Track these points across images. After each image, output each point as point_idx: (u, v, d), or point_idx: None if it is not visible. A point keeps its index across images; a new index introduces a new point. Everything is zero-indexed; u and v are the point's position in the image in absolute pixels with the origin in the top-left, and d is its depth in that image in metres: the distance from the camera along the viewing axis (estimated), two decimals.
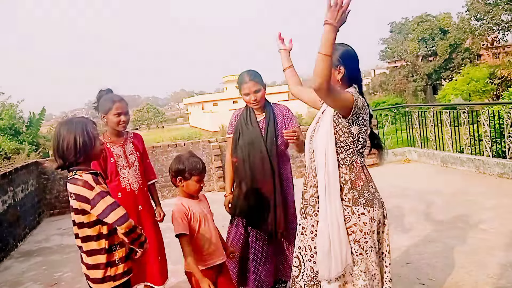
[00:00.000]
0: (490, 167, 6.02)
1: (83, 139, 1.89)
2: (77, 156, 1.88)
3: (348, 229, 2.01)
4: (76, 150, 1.87)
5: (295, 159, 7.38)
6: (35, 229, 5.91)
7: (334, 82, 2.08)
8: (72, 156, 1.88)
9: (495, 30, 27.65)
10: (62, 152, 1.88)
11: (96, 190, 1.82)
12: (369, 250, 2.03)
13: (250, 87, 2.77)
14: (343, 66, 2.09)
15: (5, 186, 5.07)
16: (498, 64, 23.89)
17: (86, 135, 1.90)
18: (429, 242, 3.78)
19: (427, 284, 3.00)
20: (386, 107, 17.18)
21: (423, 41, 35.83)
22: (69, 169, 1.92)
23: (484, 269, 3.12)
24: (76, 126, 1.91)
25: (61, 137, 1.89)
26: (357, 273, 2.03)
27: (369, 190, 2.07)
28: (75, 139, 1.87)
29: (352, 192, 2.04)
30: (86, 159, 1.93)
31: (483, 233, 3.84)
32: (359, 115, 2.04)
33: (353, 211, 2.02)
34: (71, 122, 1.94)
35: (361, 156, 2.12)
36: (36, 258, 4.65)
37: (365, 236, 2.02)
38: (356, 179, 2.06)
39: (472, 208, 4.57)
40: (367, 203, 2.04)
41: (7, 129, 10.10)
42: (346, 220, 2.02)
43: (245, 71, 2.84)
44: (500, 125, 6.34)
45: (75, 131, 1.89)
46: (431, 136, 7.60)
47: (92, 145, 1.92)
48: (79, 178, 1.85)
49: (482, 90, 21.06)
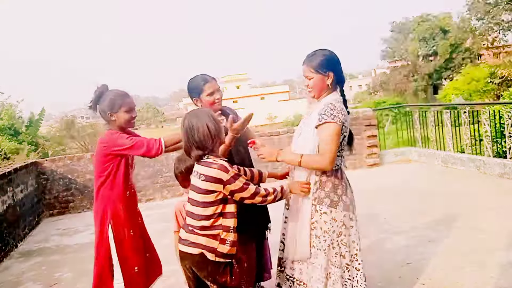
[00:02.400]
0: (491, 167, 6.00)
1: (214, 126, 2.02)
2: (214, 142, 2.02)
3: (311, 225, 2.22)
4: (211, 137, 2.01)
5: None
6: (35, 229, 5.91)
7: (324, 88, 2.26)
8: (210, 143, 2.01)
9: (495, 30, 27.61)
10: (200, 141, 2.00)
11: (231, 173, 1.98)
12: (327, 249, 2.20)
13: (214, 85, 2.70)
14: (331, 72, 2.23)
15: (5, 186, 5.07)
16: (498, 64, 23.84)
17: (215, 122, 2.04)
18: (429, 242, 3.77)
19: (427, 284, 2.99)
20: (386, 107, 17.18)
21: (424, 41, 35.81)
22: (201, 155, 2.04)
23: (484, 269, 3.11)
24: (204, 116, 2.03)
25: (195, 128, 2.00)
26: (315, 265, 2.21)
27: (336, 193, 2.22)
28: (208, 127, 2.00)
29: (318, 192, 2.22)
30: (219, 144, 2.09)
31: (483, 233, 3.82)
32: (344, 126, 2.21)
33: (316, 209, 2.21)
34: (198, 113, 2.07)
35: (340, 158, 2.26)
36: (36, 258, 4.65)
37: (324, 234, 2.20)
38: (326, 181, 2.22)
39: (473, 208, 4.56)
40: (331, 204, 2.21)
41: (7, 129, 10.11)
42: (311, 216, 2.22)
43: (198, 75, 2.75)
44: (500, 125, 6.32)
45: (205, 120, 2.01)
46: (432, 136, 7.59)
47: (221, 130, 2.07)
48: (214, 162, 2.00)
49: (482, 90, 21.04)
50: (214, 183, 1.97)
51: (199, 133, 1.99)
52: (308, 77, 2.25)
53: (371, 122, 7.64)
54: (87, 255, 4.52)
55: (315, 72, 2.22)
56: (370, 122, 7.63)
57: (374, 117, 7.78)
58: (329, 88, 2.26)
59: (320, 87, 2.25)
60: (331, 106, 2.16)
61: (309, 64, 2.24)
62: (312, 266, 2.22)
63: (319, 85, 2.24)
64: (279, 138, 7.35)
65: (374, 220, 4.49)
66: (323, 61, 2.21)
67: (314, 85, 2.25)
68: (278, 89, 52.32)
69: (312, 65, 2.22)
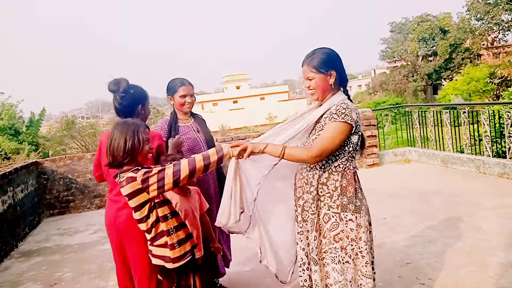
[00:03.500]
0: (490, 167, 6.01)
1: (132, 142, 1.98)
2: (124, 157, 1.97)
3: (335, 237, 2.04)
4: (124, 151, 1.96)
5: None
6: (35, 229, 5.91)
7: (328, 88, 2.10)
8: (120, 157, 1.96)
9: (495, 30, 27.63)
10: (112, 151, 1.98)
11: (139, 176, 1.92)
12: (355, 258, 2.04)
13: (190, 90, 2.92)
14: (334, 70, 2.08)
15: (5, 186, 5.07)
16: (498, 64, 23.87)
17: (137, 139, 1.99)
18: (429, 242, 3.77)
19: (427, 284, 3.00)
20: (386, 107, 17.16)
21: (423, 41, 35.83)
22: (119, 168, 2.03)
23: (484, 269, 3.12)
24: (127, 129, 2.00)
25: (112, 138, 1.99)
26: (344, 282, 2.03)
27: (357, 197, 2.07)
28: (126, 141, 1.97)
29: (341, 198, 2.05)
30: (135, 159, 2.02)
31: (483, 233, 3.83)
32: (358, 125, 2.07)
33: (341, 217, 2.04)
34: (124, 124, 2.03)
35: (353, 161, 2.12)
36: (36, 258, 4.65)
37: (351, 243, 2.03)
38: (347, 185, 2.06)
39: (472, 208, 4.57)
40: (355, 209, 2.05)
41: (7, 129, 10.10)
42: (333, 228, 2.04)
43: (177, 78, 2.96)
44: (500, 125, 6.34)
45: (125, 134, 1.98)
46: (431, 136, 7.60)
47: (138, 148, 2.00)
48: (121, 179, 1.96)
49: (482, 90, 21.05)
50: (137, 195, 1.94)
51: (114, 144, 1.98)
52: (309, 78, 2.09)
53: (370, 122, 7.65)
54: (88, 255, 4.53)
55: (316, 72, 2.06)
56: (369, 122, 7.64)
57: (373, 117, 7.79)
58: (332, 88, 2.10)
59: (323, 88, 2.08)
60: (343, 105, 2.01)
61: (310, 64, 2.08)
62: (341, 285, 2.04)
63: (321, 85, 2.08)
64: None
65: (374, 220, 4.45)
66: (324, 59, 2.06)
67: (316, 86, 2.08)
68: (278, 89, 52.26)
69: (313, 65, 2.06)
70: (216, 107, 48.31)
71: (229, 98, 49.58)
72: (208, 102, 50.34)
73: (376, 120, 8.02)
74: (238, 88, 51.31)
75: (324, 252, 2.08)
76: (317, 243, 2.08)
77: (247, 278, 3.40)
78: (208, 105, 49.84)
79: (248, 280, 3.35)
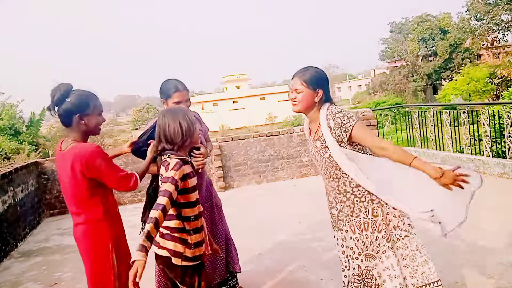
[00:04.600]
0: (490, 167, 6.02)
1: (187, 124, 2.05)
2: (184, 140, 2.04)
3: (386, 221, 2.20)
4: (182, 134, 2.03)
5: (295, 159, 7.38)
6: (35, 229, 5.91)
7: (312, 104, 2.24)
8: (179, 140, 2.02)
9: (495, 30, 27.67)
10: (170, 136, 2.02)
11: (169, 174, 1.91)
12: (391, 244, 2.20)
13: (184, 95, 2.77)
14: (321, 89, 2.23)
15: (5, 186, 5.07)
16: (498, 64, 23.86)
17: (189, 122, 2.06)
18: (429, 242, 3.77)
19: None
20: (386, 107, 17.17)
21: (423, 41, 35.86)
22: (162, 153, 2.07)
23: (484, 269, 3.13)
24: (178, 114, 2.06)
25: (167, 124, 2.03)
26: (411, 254, 2.21)
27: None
28: (181, 124, 2.03)
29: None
30: (190, 143, 2.09)
31: (483, 233, 3.83)
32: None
33: (381, 203, 2.20)
34: (174, 110, 2.10)
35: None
36: (36, 258, 4.65)
37: (400, 219, 2.23)
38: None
39: (472, 208, 4.53)
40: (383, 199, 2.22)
41: (7, 129, 10.09)
42: (389, 220, 2.21)
43: (174, 80, 2.81)
44: (500, 125, 6.34)
45: (179, 118, 2.04)
46: (431, 136, 7.60)
47: (193, 130, 2.08)
48: (168, 162, 1.97)
49: (482, 90, 21.05)
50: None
51: (170, 129, 2.03)
52: (297, 90, 2.22)
53: (370, 122, 7.65)
54: None
55: (306, 87, 2.20)
56: (369, 122, 7.64)
57: (373, 117, 7.80)
58: (316, 105, 2.24)
59: (308, 103, 2.23)
60: (340, 115, 2.15)
61: (301, 78, 2.22)
62: (409, 257, 2.22)
63: (307, 100, 2.22)
64: (278, 138, 7.37)
65: None
66: (315, 77, 2.21)
67: (302, 99, 2.22)
68: (278, 89, 52.27)
69: (304, 79, 2.21)
70: (216, 107, 48.32)
71: (229, 98, 49.59)
72: (208, 102, 50.39)
73: (376, 120, 8.03)
74: (238, 88, 51.33)
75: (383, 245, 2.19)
76: (371, 240, 2.19)
77: (248, 278, 3.40)
78: (208, 105, 49.87)
79: (249, 280, 3.35)
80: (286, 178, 7.42)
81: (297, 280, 3.34)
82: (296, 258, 3.76)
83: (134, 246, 1.74)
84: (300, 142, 7.40)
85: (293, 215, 5.05)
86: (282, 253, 3.96)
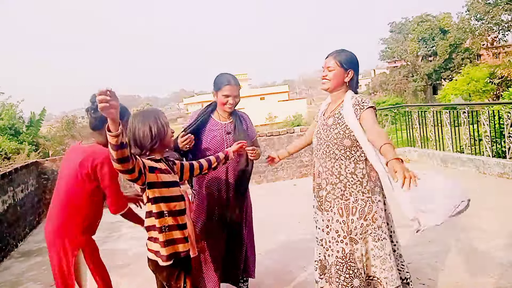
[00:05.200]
0: (490, 167, 6.02)
1: (157, 127, 2.02)
2: (153, 143, 2.02)
3: (373, 218, 2.24)
4: (151, 137, 2.01)
5: (295, 159, 7.38)
6: (35, 229, 5.91)
7: (341, 83, 2.31)
8: (148, 143, 2.00)
9: (495, 30, 27.66)
10: (139, 140, 2.01)
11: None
12: (388, 233, 2.30)
13: (235, 90, 2.75)
14: (352, 70, 2.30)
15: (5, 186, 5.07)
16: (498, 64, 23.85)
17: (160, 124, 2.04)
18: (429, 242, 3.77)
19: (427, 284, 3.00)
20: (386, 107, 17.13)
21: (423, 41, 35.84)
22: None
23: (484, 269, 3.12)
24: (148, 116, 2.03)
25: (136, 127, 2.02)
26: (384, 256, 2.23)
27: (378, 179, 2.28)
28: (150, 127, 2.01)
29: (369, 184, 2.27)
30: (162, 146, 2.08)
31: (483, 233, 3.83)
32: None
33: (373, 200, 2.26)
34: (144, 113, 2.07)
35: None
36: (36, 258, 4.65)
37: (384, 220, 2.29)
38: (371, 171, 2.28)
39: (472, 208, 4.52)
40: (380, 191, 2.30)
41: (7, 129, 10.10)
42: (370, 211, 2.24)
43: (228, 74, 2.80)
44: (500, 125, 6.34)
45: (149, 121, 2.01)
46: (431, 136, 7.60)
47: (164, 132, 2.05)
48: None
49: (482, 90, 21.04)
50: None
51: (140, 132, 2.00)
52: (329, 68, 2.29)
53: None
54: None
55: (339, 65, 2.27)
56: None
57: None
58: (345, 86, 2.32)
59: (338, 81, 2.30)
60: (358, 99, 2.24)
61: (336, 57, 2.29)
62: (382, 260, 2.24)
63: (338, 78, 2.29)
64: (278, 138, 7.36)
65: None
66: (350, 58, 2.29)
67: (333, 77, 2.29)
68: (278, 89, 52.25)
69: (339, 59, 2.28)
70: None
71: None
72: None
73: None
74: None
75: (365, 233, 2.24)
76: (356, 226, 2.24)
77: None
78: None
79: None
80: (286, 178, 7.42)
81: (297, 280, 3.34)
82: (296, 258, 3.76)
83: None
84: None
85: (293, 215, 5.04)
86: (282, 253, 3.96)
